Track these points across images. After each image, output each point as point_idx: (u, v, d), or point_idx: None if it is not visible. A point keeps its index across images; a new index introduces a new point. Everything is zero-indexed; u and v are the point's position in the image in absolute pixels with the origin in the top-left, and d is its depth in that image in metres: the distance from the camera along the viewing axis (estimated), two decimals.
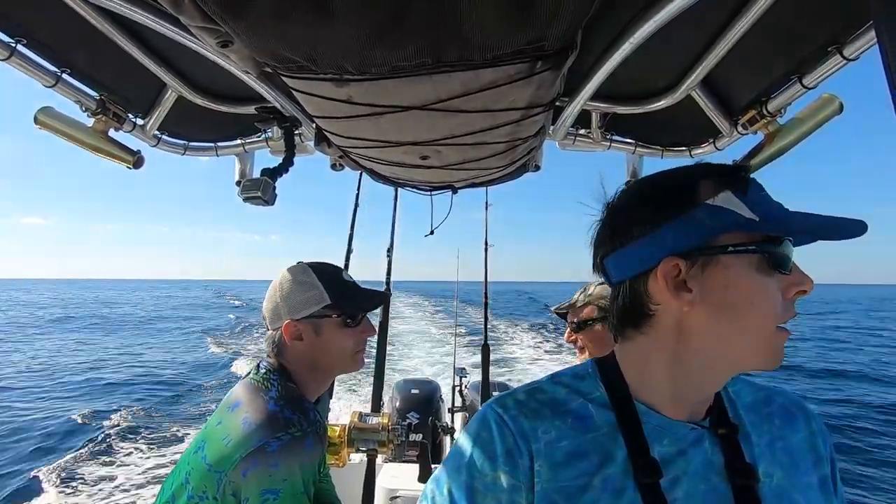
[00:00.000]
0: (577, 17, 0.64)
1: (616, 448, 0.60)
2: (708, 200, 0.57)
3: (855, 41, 0.89)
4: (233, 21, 0.63)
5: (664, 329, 0.60)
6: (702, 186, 0.58)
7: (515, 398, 0.65)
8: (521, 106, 0.91)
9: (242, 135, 1.58)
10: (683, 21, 0.75)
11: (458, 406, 3.62)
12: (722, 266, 0.56)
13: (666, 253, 0.57)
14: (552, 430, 0.61)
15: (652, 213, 0.59)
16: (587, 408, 0.63)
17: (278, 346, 1.12)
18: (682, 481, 0.58)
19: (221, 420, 1.01)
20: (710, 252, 0.56)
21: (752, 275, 0.55)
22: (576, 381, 0.66)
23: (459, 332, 6.64)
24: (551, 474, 0.58)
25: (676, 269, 0.57)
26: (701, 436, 0.61)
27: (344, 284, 1.17)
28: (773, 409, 0.68)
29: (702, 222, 0.56)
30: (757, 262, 0.55)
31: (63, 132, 1.24)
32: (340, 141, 1.16)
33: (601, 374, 0.66)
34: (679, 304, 0.57)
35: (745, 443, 0.63)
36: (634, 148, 1.56)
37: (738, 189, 0.57)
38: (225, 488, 0.91)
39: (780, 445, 0.64)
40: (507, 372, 10.96)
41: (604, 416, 0.62)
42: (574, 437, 0.61)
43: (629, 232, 0.61)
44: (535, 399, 0.64)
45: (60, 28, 0.99)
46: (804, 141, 1.15)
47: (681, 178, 0.61)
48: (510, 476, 0.59)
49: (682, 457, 0.60)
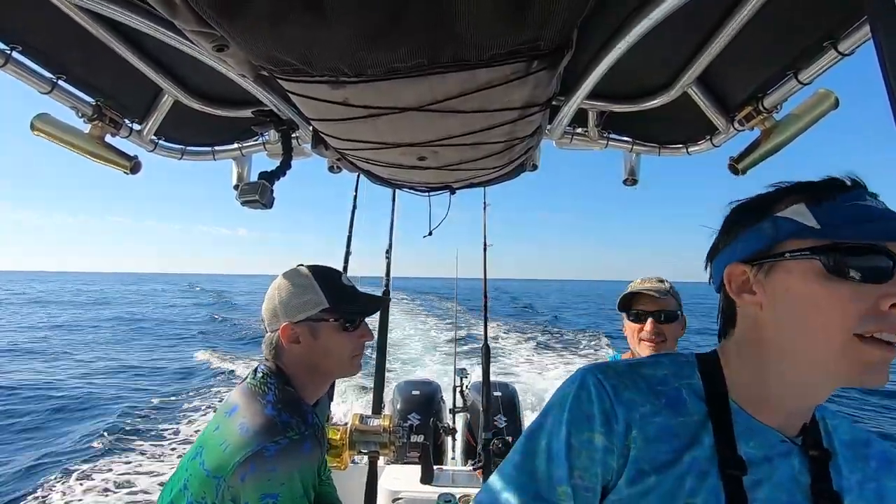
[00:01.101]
0: (572, 15, 0.64)
1: (704, 436, 0.62)
2: (778, 213, 0.61)
3: (850, 36, 0.89)
4: (228, 25, 0.63)
5: (745, 330, 0.65)
6: (777, 201, 0.62)
7: (616, 369, 0.68)
8: (518, 105, 0.91)
9: (239, 138, 1.58)
10: (678, 18, 0.75)
11: (459, 407, 3.62)
12: (784, 271, 0.59)
13: (734, 260, 0.64)
14: (647, 404, 0.63)
15: (736, 226, 0.66)
16: (682, 393, 0.65)
17: (276, 348, 1.12)
18: (763, 486, 0.60)
19: (219, 425, 1.01)
20: (770, 258, 0.60)
21: (815, 280, 0.57)
22: (676, 364, 0.69)
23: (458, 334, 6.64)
24: (645, 445, 0.61)
25: (744, 275, 0.63)
26: (791, 450, 0.63)
27: (342, 288, 1.16)
28: (872, 453, 0.68)
29: (764, 232, 0.61)
30: (819, 268, 0.56)
31: (60, 138, 1.23)
32: (337, 143, 1.16)
33: (700, 366, 0.68)
34: (747, 304, 0.63)
35: (835, 473, 0.63)
36: (631, 146, 1.56)
37: (812, 200, 0.59)
38: (224, 494, 0.91)
39: (871, 487, 0.64)
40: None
41: (696, 405, 0.64)
42: (666, 416, 0.63)
43: (717, 245, 0.69)
44: (635, 372, 0.67)
45: (56, 34, 0.99)
46: (801, 136, 1.16)
47: (767, 195, 0.65)
48: (605, 438, 0.62)
49: (768, 463, 0.61)
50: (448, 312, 21.90)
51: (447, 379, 4.44)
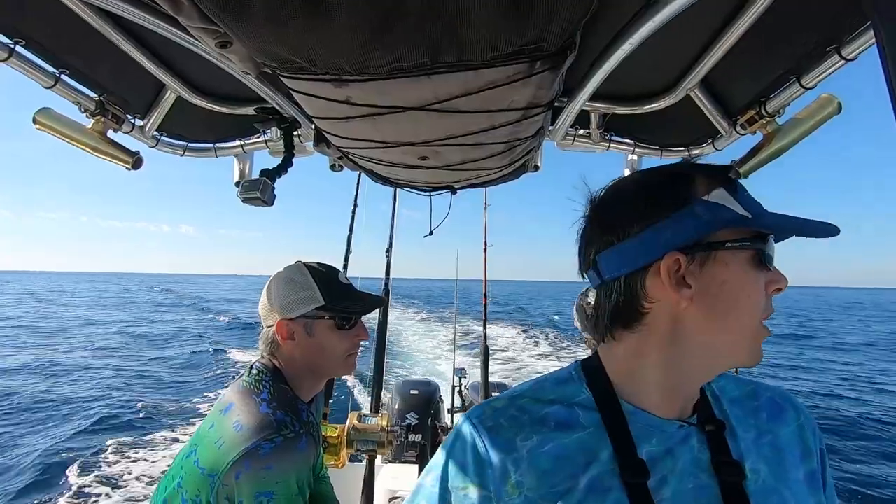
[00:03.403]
0: (575, 17, 0.64)
1: (601, 447, 0.59)
2: (703, 197, 0.57)
3: (853, 41, 0.89)
4: (231, 21, 0.63)
5: (658, 326, 0.59)
6: (697, 183, 0.58)
7: (494, 406, 0.64)
8: (520, 106, 0.91)
9: (242, 135, 1.58)
10: (682, 21, 0.75)
11: (457, 407, 3.62)
12: (720, 262, 0.56)
13: (667, 248, 0.57)
14: (533, 435, 0.60)
15: (648, 209, 0.59)
16: (572, 410, 0.62)
17: (272, 344, 1.12)
18: (669, 480, 0.58)
19: (214, 423, 1.01)
20: (709, 247, 0.56)
21: (747, 270, 0.56)
22: (559, 386, 0.65)
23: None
24: (537, 482, 0.58)
25: (677, 265, 0.56)
26: (689, 433, 0.61)
27: (339, 286, 1.16)
28: (761, 403, 0.68)
29: (699, 217, 0.56)
30: (750, 258, 0.56)
31: (62, 133, 1.24)
32: (339, 142, 1.16)
33: (585, 376, 0.65)
34: (678, 299, 0.57)
35: (731, 439, 0.62)
36: (633, 148, 1.56)
37: (730, 187, 0.58)
38: (219, 492, 0.91)
39: (766, 440, 0.64)
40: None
41: (590, 417, 0.61)
42: (558, 439, 0.60)
43: (624, 228, 0.59)
44: (515, 405, 0.63)
45: (59, 29, 0.99)
46: (802, 141, 1.15)
47: (674, 174, 0.61)
48: (480, 488, 0.59)
49: (670, 456, 0.59)
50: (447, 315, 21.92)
51: (446, 378, 4.45)
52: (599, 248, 0.62)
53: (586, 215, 0.66)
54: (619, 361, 0.63)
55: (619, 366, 0.63)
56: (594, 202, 0.65)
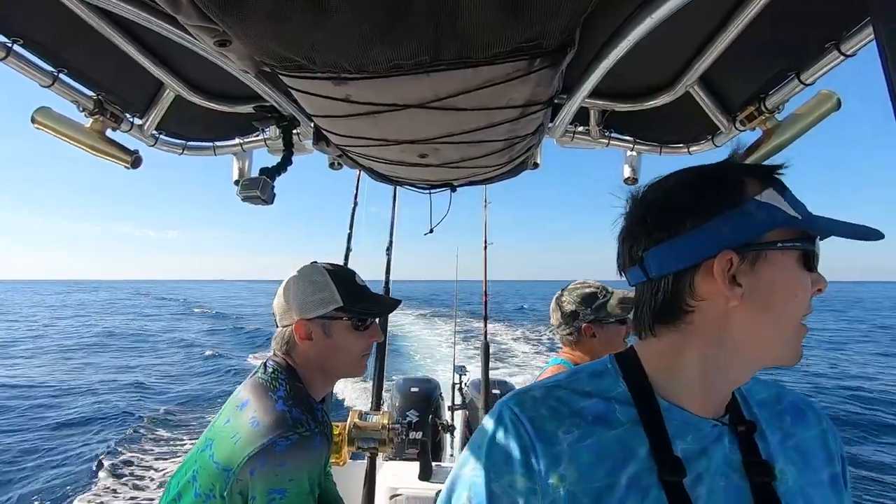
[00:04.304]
0: (574, 13, 0.64)
1: (638, 444, 0.59)
2: (756, 196, 0.57)
3: (852, 37, 0.89)
4: (230, 20, 0.62)
5: (704, 324, 0.59)
6: (748, 182, 0.58)
7: (532, 396, 0.63)
8: (520, 104, 0.91)
9: (241, 134, 1.58)
10: (681, 17, 0.75)
11: (458, 404, 3.63)
12: (770, 262, 0.57)
13: (721, 246, 0.56)
14: (574, 429, 0.59)
15: (701, 207, 0.58)
16: (609, 404, 0.61)
17: (288, 343, 1.13)
18: (704, 479, 0.58)
19: (229, 419, 1.02)
20: (762, 247, 0.56)
21: (796, 271, 0.57)
22: (594, 379, 0.65)
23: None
24: (579, 477, 0.57)
25: (730, 264, 0.56)
26: (721, 432, 0.61)
27: (357, 288, 1.17)
28: (784, 407, 0.69)
29: (753, 217, 0.56)
30: (797, 258, 0.57)
31: (60, 132, 1.23)
32: (339, 140, 1.16)
33: (621, 370, 0.65)
34: (729, 298, 0.56)
35: (760, 440, 0.63)
36: (633, 145, 1.56)
37: (779, 187, 0.58)
38: (232, 486, 0.92)
39: (791, 443, 0.65)
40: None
41: (626, 412, 0.61)
42: (597, 434, 0.59)
43: (676, 225, 0.59)
44: (553, 396, 0.62)
45: (57, 28, 0.99)
46: (802, 137, 1.15)
47: (725, 173, 0.61)
48: (527, 479, 0.58)
49: (704, 454, 0.60)
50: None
51: (446, 376, 4.45)
52: (648, 245, 0.62)
53: (629, 213, 0.66)
54: (657, 357, 0.63)
55: (658, 361, 0.63)
56: (639, 200, 0.65)
